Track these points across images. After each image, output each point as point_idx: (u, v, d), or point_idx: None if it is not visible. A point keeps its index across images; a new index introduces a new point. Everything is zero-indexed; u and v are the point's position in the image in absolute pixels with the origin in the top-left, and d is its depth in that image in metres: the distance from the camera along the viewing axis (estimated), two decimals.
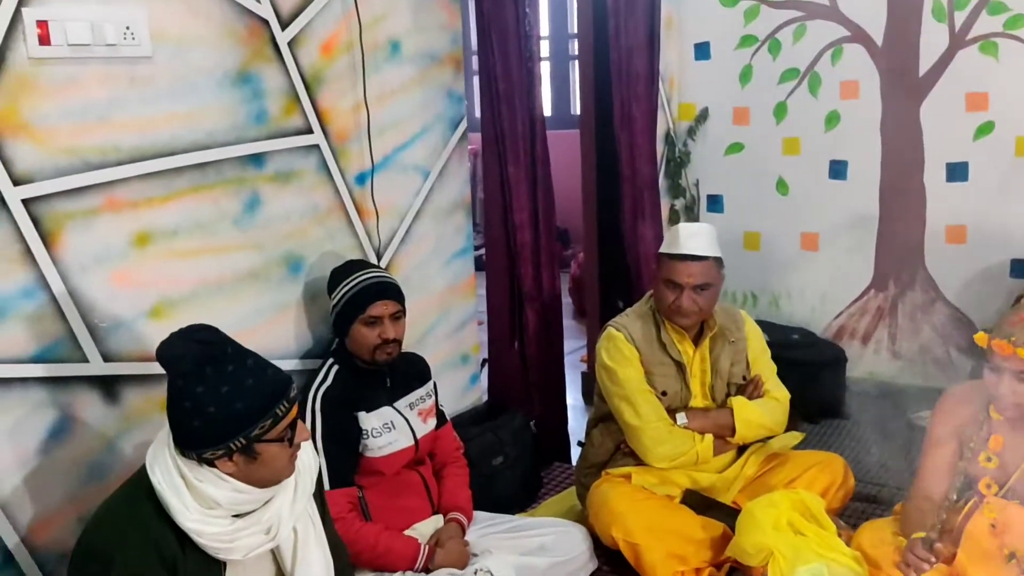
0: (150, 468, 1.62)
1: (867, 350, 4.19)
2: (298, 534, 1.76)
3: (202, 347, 1.60)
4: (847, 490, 2.71)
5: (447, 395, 3.02)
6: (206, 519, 1.59)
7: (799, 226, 4.25)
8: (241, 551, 1.64)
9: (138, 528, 1.58)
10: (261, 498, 1.67)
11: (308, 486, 1.77)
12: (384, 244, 2.81)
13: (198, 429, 1.58)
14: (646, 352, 2.65)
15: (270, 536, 1.68)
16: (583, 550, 2.56)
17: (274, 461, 1.64)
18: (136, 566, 1.54)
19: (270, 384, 1.63)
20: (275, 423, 1.62)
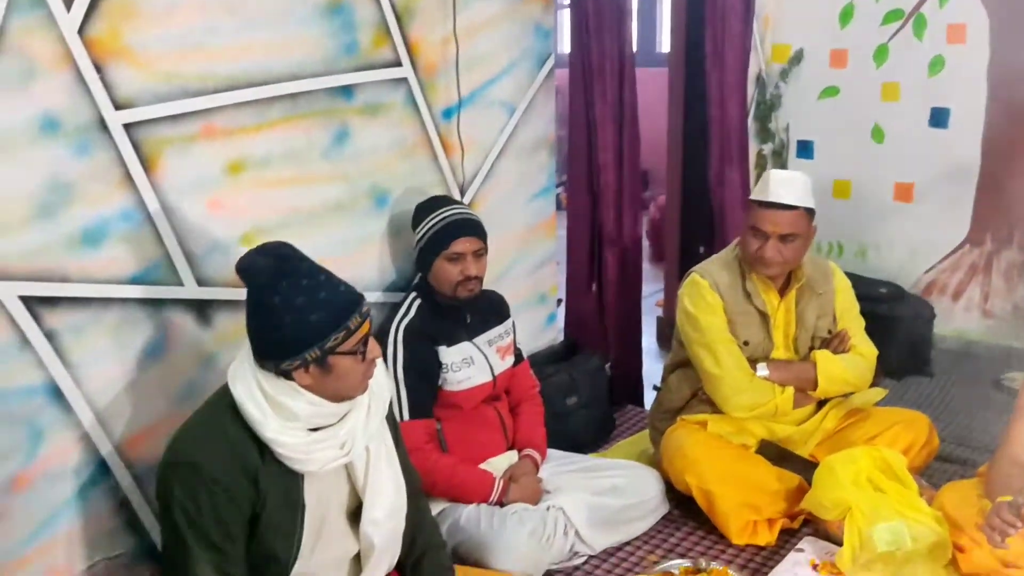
0: (232, 382, 1.68)
1: (957, 307, 4.05)
2: (370, 454, 1.80)
3: (278, 261, 1.65)
4: (931, 450, 2.65)
5: (524, 333, 3.02)
6: (284, 430, 1.65)
7: (893, 175, 4.08)
8: (317, 463, 1.69)
9: (221, 438, 1.65)
10: (336, 412, 1.71)
11: (381, 408, 1.82)
12: (468, 180, 2.80)
13: (275, 341, 1.63)
14: (730, 300, 2.60)
15: (344, 451, 1.73)
16: (655, 493, 2.57)
17: (348, 375, 1.68)
18: (220, 473, 1.61)
19: (343, 297, 1.67)
20: (348, 336, 1.65)
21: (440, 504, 2.36)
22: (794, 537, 2.47)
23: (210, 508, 1.60)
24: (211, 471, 1.61)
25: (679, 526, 2.57)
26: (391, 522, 1.81)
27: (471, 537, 2.26)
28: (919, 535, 2.14)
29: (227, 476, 1.62)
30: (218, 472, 1.61)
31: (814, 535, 2.44)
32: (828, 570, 2.26)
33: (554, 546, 2.30)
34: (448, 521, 2.32)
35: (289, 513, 1.71)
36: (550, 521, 2.32)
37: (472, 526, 2.27)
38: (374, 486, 1.80)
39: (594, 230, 3.28)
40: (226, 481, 1.61)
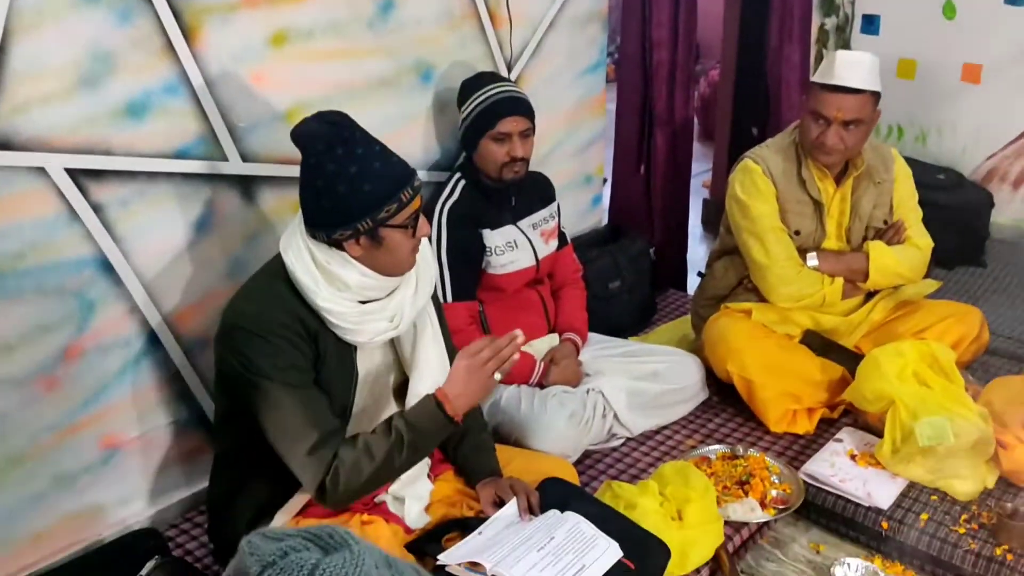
0: (284, 251, 1.69)
1: (1017, 196, 3.90)
2: (417, 330, 1.82)
3: (333, 128, 1.62)
4: (980, 344, 2.61)
5: (568, 215, 2.97)
6: (336, 299, 1.66)
7: (962, 55, 3.86)
8: (367, 335, 1.71)
9: (278, 300, 1.67)
10: (386, 286, 1.72)
11: (428, 285, 1.83)
12: (515, 56, 2.69)
13: (328, 209, 1.62)
14: (783, 188, 2.52)
15: (394, 324, 1.75)
16: (695, 380, 2.58)
17: (398, 248, 1.68)
18: (283, 322, 1.63)
19: (396, 170, 1.65)
20: (399, 209, 1.64)
21: None
22: (833, 427, 2.47)
23: (282, 356, 1.62)
24: (272, 325, 1.63)
25: (718, 412, 2.59)
26: None
27: (512, 418, 2.29)
28: (962, 431, 2.12)
29: (289, 329, 1.64)
30: (280, 326, 1.63)
31: (853, 426, 2.44)
32: (866, 461, 2.27)
33: (592, 428, 2.33)
34: (489, 402, 2.35)
35: (344, 380, 1.74)
36: (589, 404, 2.35)
37: (512, 407, 2.31)
38: (419, 361, 1.83)
39: (644, 109, 3.17)
40: (288, 333, 1.63)
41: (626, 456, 2.40)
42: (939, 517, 2.09)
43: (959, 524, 2.06)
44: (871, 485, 2.18)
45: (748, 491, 2.19)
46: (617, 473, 2.32)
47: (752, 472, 2.25)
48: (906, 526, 2.08)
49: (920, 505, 2.14)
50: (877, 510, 2.12)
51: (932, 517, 2.09)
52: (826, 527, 2.20)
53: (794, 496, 2.19)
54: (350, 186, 1.60)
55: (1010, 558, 1.95)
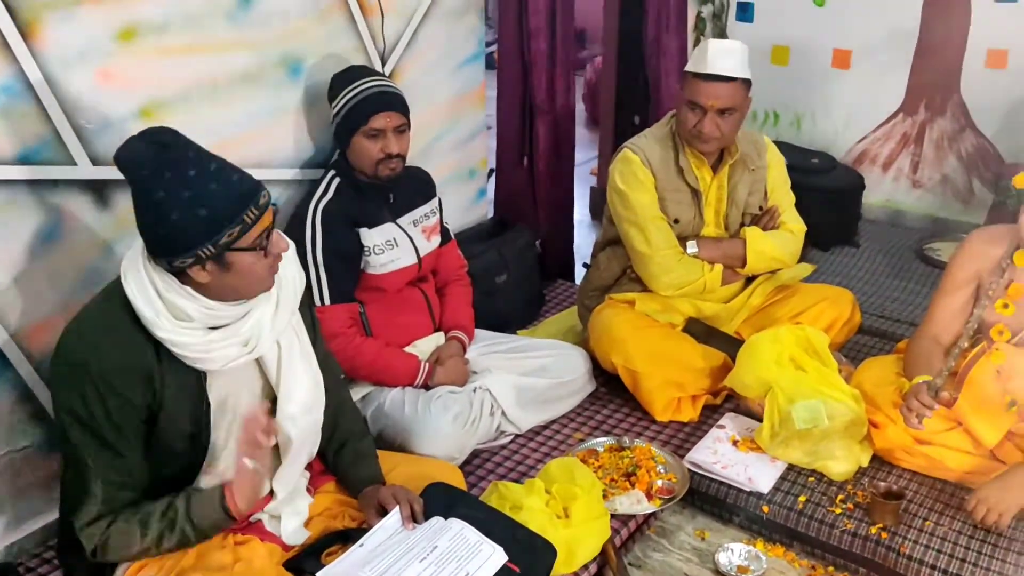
0: (124, 277, 1.57)
1: (887, 177, 4.06)
2: (282, 348, 1.73)
3: (161, 150, 1.50)
4: (852, 326, 2.69)
5: (452, 210, 2.92)
6: (179, 330, 1.55)
7: (832, 41, 3.98)
8: (218, 361, 1.61)
9: (112, 335, 1.55)
10: (237, 313, 1.62)
11: (291, 300, 1.73)
12: (389, 47, 2.62)
13: (164, 237, 1.51)
14: (662, 177, 2.54)
15: (248, 348, 1.65)
16: (582, 372, 2.57)
17: (249, 272, 1.58)
18: (110, 373, 1.53)
19: (237, 188, 1.54)
20: (244, 231, 1.54)
21: (364, 388, 2.32)
22: (716, 413, 2.51)
23: (101, 408, 1.53)
24: (100, 370, 1.52)
25: (605, 404, 2.60)
26: (308, 416, 1.76)
27: (396, 422, 2.24)
28: (836, 413, 2.18)
29: (118, 376, 1.53)
30: (108, 372, 1.52)
31: (736, 411, 2.49)
32: (748, 446, 2.31)
33: (480, 428, 2.30)
34: (372, 406, 2.29)
35: (192, 412, 1.63)
36: (476, 403, 2.32)
37: (396, 411, 2.25)
38: (288, 380, 1.74)
39: (525, 100, 3.14)
40: (117, 381, 1.53)
41: (514, 454, 2.37)
42: (816, 498, 2.15)
43: (835, 504, 2.12)
44: (752, 470, 2.22)
45: (634, 483, 2.20)
46: (505, 472, 2.30)
47: (638, 463, 2.26)
48: (785, 508, 2.12)
49: (798, 487, 2.19)
50: (758, 494, 2.16)
51: (810, 499, 2.14)
52: (710, 513, 2.23)
53: (679, 485, 2.21)
54: (184, 212, 1.48)
55: (884, 536, 2.02)
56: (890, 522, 2.04)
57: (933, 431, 2.12)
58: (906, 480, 2.20)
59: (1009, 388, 2.10)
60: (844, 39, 3.95)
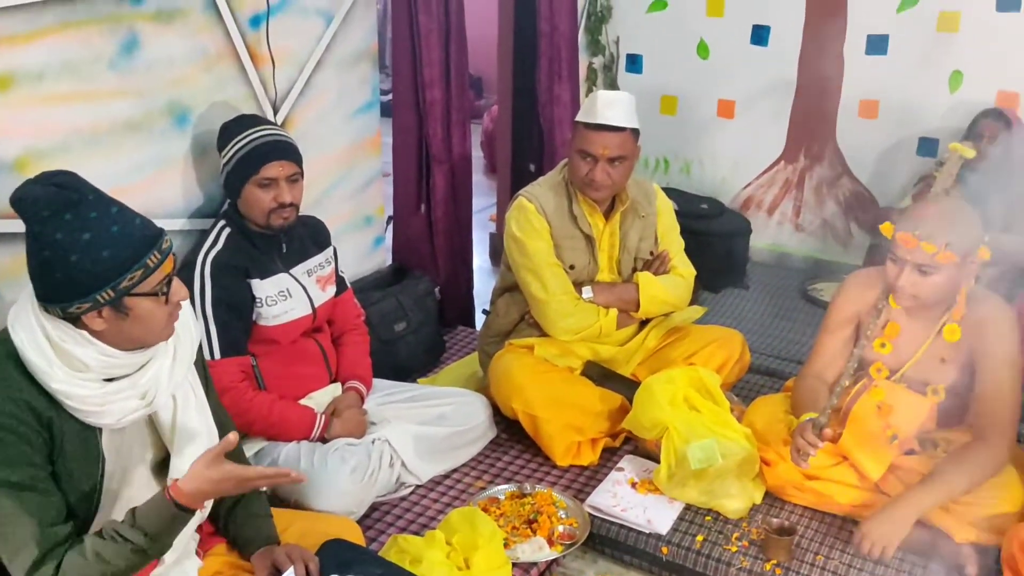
0: (11, 328, 1.50)
1: (771, 221, 4.24)
2: (177, 402, 1.67)
3: (60, 192, 1.45)
4: (743, 365, 2.77)
5: (349, 258, 2.90)
6: (74, 381, 1.49)
7: (717, 91, 4.16)
8: (114, 416, 1.55)
9: (5, 388, 1.47)
10: (135, 361, 1.57)
11: (188, 353, 1.68)
12: (281, 96, 2.59)
13: (60, 281, 1.46)
14: (557, 225, 2.58)
15: (146, 402, 1.59)
16: (482, 419, 2.57)
17: (149, 318, 1.53)
18: (7, 419, 1.45)
19: (140, 232, 1.50)
20: (146, 275, 1.50)
21: (257, 443, 2.25)
22: (615, 456, 2.54)
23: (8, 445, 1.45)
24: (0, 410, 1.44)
25: (506, 451, 2.59)
26: None
27: None
28: (729, 452, 2.23)
29: (16, 422, 1.45)
30: (8, 411, 1.45)
31: (634, 453, 2.52)
32: (646, 488, 2.34)
33: (379, 480, 2.26)
34: (266, 461, 2.22)
35: (87, 467, 1.56)
36: (375, 454, 2.27)
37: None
38: (183, 437, 1.67)
39: (421, 148, 3.15)
40: (19, 420, 1.45)
41: (415, 505, 2.34)
42: (713, 537, 2.18)
43: (731, 543, 2.16)
44: (651, 511, 2.24)
45: (536, 529, 2.19)
46: (406, 524, 2.26)
47: (540, 509, 2.26)
48: (684, 549, 2.15)
49: (696, 527, 2.22)
50: (657, 536, 2.19)
51: (707, 538, 2.18)
52: (612, 557, 2.24)
53: (580, 530, 2.22)
54: (84, 254, 1.44)
55: (779, 572, 2.06)
56: (783, 558, 2.09)
57: (821, 467, 2.20)
58: (797, 516, 2.26)
59: (890, 423, 2.20)
60: (728, 90, 4.14)
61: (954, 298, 2.16)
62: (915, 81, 3.71)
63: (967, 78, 3.62)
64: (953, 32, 3.60)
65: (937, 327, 2.18)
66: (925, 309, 2.17)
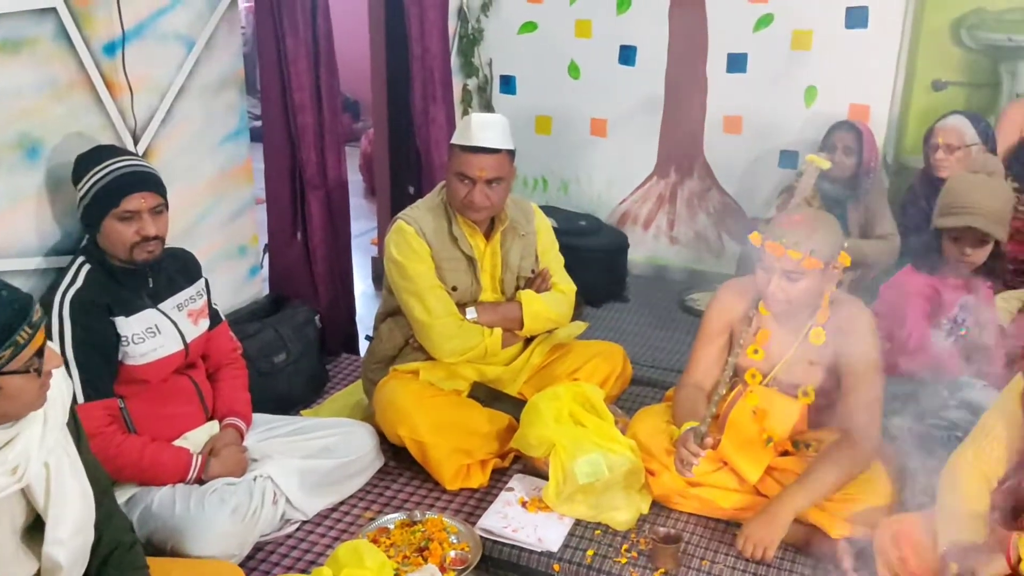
0: None
1: (648, 235, 4.35)
2: (51, 469, 1.56)
3: None
4: (625, 378, 2.82)
5: (223, 290, 2.81)
6: None
7: (589, 111, 4.25)
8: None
9: None
10: (2, 438, 1.46)
11: (60, 417, 1.58)
12: (141, 126, 2.49)
13: None
14: (437, 247, 2.57)
15: (17, 477, 1.49)
16: (369, 449, 2.52)
17: (20, 394, 1.44)
18: None
19: (8, 307, 1.40)
20: (16, 352, 1.40)
21: (129, 490, 2.14)
22: (505, 476, 2.53)
23: None
24: None
25: (395, 479, 2.55)
26: (79, 538, 1.59)
27: (165, 523, 2.07)
28: (615, 464, 2.26)
29: None
30: None
31: (524, 472, 2.52)
32: (536, 506, 2.35)
33: (261, 519, 2.17)
34: (139, 508, 2.11)
35: None
36: (256, 492, 2.19)
37: (166, 511, 2.08)
38: (58, 504, 1.56)
39: (295, 174, 3.09)
40: None
41: (301, 542, 2.27)
42: (603, 551, 2.20)
43: (621, 554, 2.19)
44: (541, 530, 2.25)
45: (427, 557, 2.16)
46: (292, 563, 2.19)
47: (431, 536, 2.23)
48: (575, 565, 2.16)
49: (586, 542, 2.24)
50: (549, 554, 2.19)
51: (597, 552, 2.20)
52: None
53: (472, 554, 2.20)
54: None
55: None
56: (671, 565, 2.13)
57: (702, 473, 2.25)
58: (683, 523, 2.31)
59: (765, 426, 2.28)
60: (599, 109, 4.23)
61: (818, 303, 2.26)
62: (774, 97, 3.89)
63: (821, 92, 3.82)
64: (806, 50, 3.80)
65: (804, 332, 2.28)
66: (793, 315, 2.27)
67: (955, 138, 3.11)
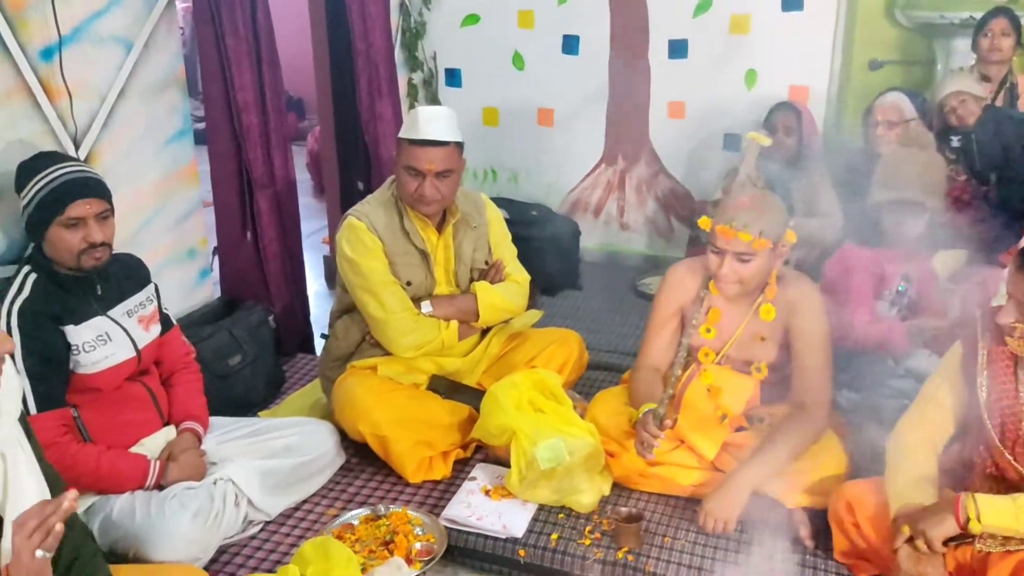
0: None
1: (599, 222, 4.40)
2: (7, 460, 1.54)
3: None
4: (581, 364, 2.86)
5: (174, 294, 2.78)
6: None
7: (535, 101, 4.28)
8: None
9: None
10: None
11: (14, 407, 1.56)
12: (82, 130, 2.45)
13: None
14: (389, 242, 2.57)
15: None
16: (329, 447, 2.51)
17: None
18: None
19: None
20: None
21: (88, 499, 2.11)
22: (468, 466, 2.55)
23: None
24: None
25: (357, 475, 2.55)
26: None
27: (127, 531, 2.05)
28: (575, 448, 2.29)
29: None
30: None
31: (486, 461, 2.54)
32: (500, 494, 2.37)
33: (224, 522, 2.17)
34: (99, 517, 2.09)
35: None
36: (217, 496, 2.18)
37: (126, 518, 2.06)
38: (16, 497, 1.54)
39: (242, 175, 3.05)
40: None
41: (265, 542, 2.26)
42: (567, 534, 2.23)
43: (584, 536, 2.22)
44: (506, 517, 2.27)
45: (393, 550, 2.17)
46: (257, 563, 2.18)
47: (395, 529, 2.24)
48: (540, 549, 2.19)
49: (550, 526, 2.27)
50: (514, 540, 2.21)
51: (562, 535, 2.22)
52: (471, 567, 2.25)
53: (438, 544, 2.21)
54: None
55: (631, 559, 2.14)
56: (633, 544, 2.17)
57: (661, 452, 2.29)
58: (644, 502, 2.35)
59: (719, 404, 2.33)
60: (545, 99, 4.26)
61: (767, 280, 2.31)
62: (715, 81, 3.95)
63: (761, 75, 3.89)
64: (745, 33, 3.87)
65: (752, 308, 2.33)
66: (743, 294, 2.31)
67: (894, 114, 3.20)
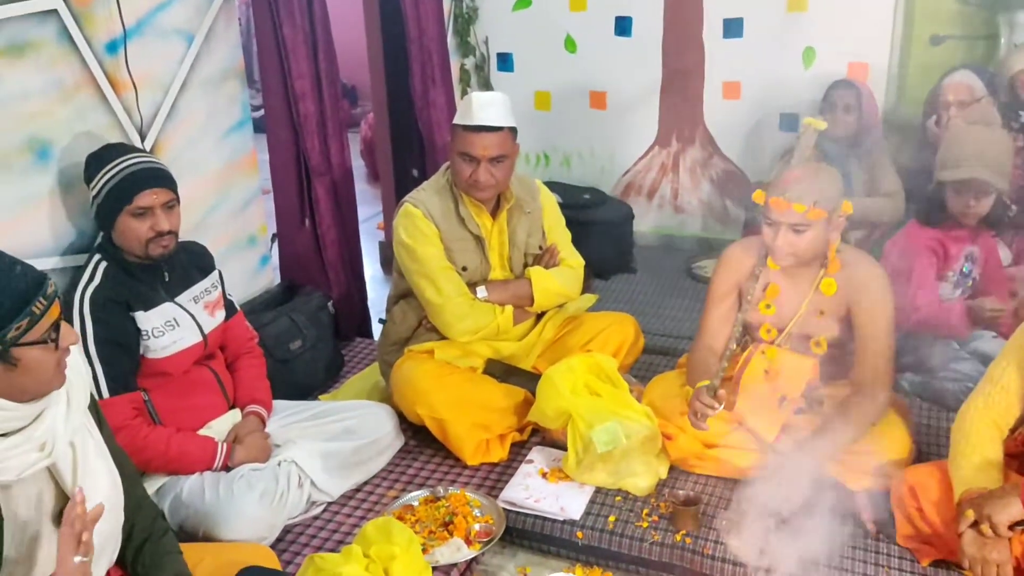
0: None
1: (652, 205, 4.37)
2: (76, 449, 1.61)
3: None
4: (637, 348, 2.85)
5: (236, 281, 2.84)
6: None
7: (588, 84, 4.26)
8: (14, 471, 1.48)
9: None
10: (29, 412, 1.50)
11: (82, 398, 1.62)
12: (147, 122, 2.52)
13: None
14: (445, 228, 2.60)
15: (45, 453, 1.53)
16: (389, 429, 2.56)
17: (39, 368, 1.47)
18: None
19: (20, 280, 1.44)
20: (33, 323, 1.43)
21: (157, 480, 2.18)
22: (524, 449, 2.57)
23: None
24: None
25: (416, 457, 2.59)
26: (109, 519, 1.63)
27: (196, 511, 2.11)
28: (632, 431, 2.30)
29: None
30: None
31: (542, 444, 2.56)
32: (557, 476, 2.39)
33: (288, 503, 2.22)
34: (169, 497, 2.16)
35: None
36: (282, 477, 2.24)
37: (196, 499, 2.13)
38: (85, 484, 1.61)
39: (300, 162, 3.11)
40: None
41: (328, 523, 2.31)
42: (624, 516, 2.24)
43: (642, 519, 2.23)
44: (563, 499, 2.29)
45: (452, 531, 2.21)
46: (321, 543, 2.23)
47: (454, 511, 2.28)
48: (598, 531, 2.20)
49: (607, 508, 2.28)
50: (571, 522, 2.23)
51: (619, 517, 2.24)
52: (530, 548, 2.28)
53: (496, 526, 2.24)
54: None
55: (688, 542, 2.14)
56: (691, 527, 2.17)
57: (718, 434, 2.29)
58: (701, 485, 2.35)
59: (777, 386, 2.31)
60: (598, 82, 4.24)
61: (825, 255, 2.28)
62: (772, 60, 3.89)
63: (819, 53, 3.82)
64: (803, 11, 3.79)
65: (814, 283, 2.30)
66: (801, 268, 2.29)
67: (966, 93, 3.11)
